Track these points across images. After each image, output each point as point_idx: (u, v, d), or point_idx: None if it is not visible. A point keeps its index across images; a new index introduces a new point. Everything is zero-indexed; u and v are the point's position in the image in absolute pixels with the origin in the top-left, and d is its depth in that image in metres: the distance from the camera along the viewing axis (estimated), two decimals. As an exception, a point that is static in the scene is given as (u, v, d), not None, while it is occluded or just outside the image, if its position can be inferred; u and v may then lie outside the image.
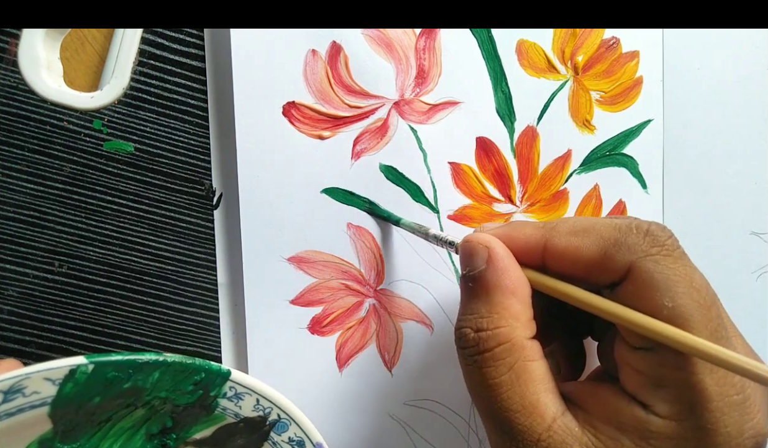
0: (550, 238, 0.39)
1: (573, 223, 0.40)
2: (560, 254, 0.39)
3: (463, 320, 0.40)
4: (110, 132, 0.45)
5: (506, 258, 0.40)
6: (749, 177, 0.57)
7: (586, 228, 0.39)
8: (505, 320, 0.38)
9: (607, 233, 0.38)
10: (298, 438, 0.42)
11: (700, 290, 0.36)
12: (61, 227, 0.45)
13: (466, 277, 0.41)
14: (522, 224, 0.42)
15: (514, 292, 0.39)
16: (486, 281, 0.39)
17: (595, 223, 0.39)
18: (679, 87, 0.55)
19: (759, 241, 0.58)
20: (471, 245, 0.41)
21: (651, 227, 0.37)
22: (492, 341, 0.38)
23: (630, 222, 0.38)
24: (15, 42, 0.43)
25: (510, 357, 0.38)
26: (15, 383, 0.33)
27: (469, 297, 0.40)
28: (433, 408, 0.52)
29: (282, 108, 0.46)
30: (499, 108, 0.51)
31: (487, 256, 0.40)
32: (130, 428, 0.40)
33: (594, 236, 0.38)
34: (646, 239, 0.37)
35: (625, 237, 0.37)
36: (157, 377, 0.37)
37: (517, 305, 0.39)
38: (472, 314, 0.39)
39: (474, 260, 0.40)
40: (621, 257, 0.37)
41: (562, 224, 0.40)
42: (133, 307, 0.47)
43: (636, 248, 0.36)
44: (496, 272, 0.39)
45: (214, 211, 0.47)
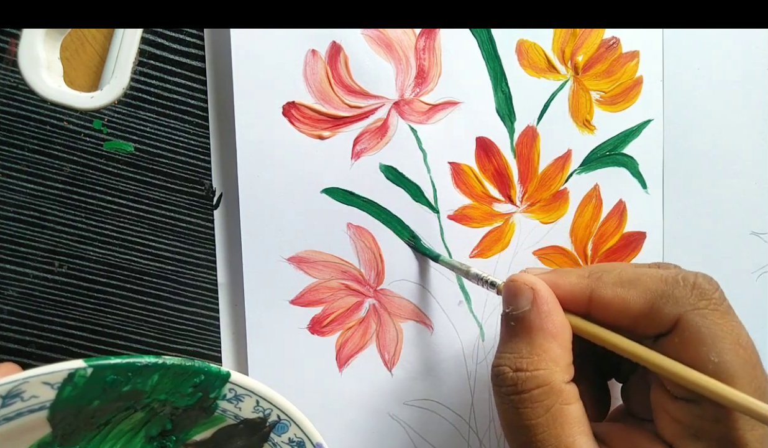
0: (596, 288, 0.40)
1: (618, 273, 0.40)
2: (606, 305, 0.39)
3: (502, 358, 0.40)
4: (110, 132, 0.45)
5: (551, 301, 0.40)
6: (749, 177, 0.57)
7: (632, 279, 0.39)
8: (545, 363, 0.38)
9: (654, 285, 0.38)
10: (299, 439, 0.42)
11: (747, 348, 0.36)
12: (61, 227, 0.45)
13: (508, 316, 0.41)
14: (567, 271, 0.42)
15: (556, 336, 0.39)
16: (529, 323, 0.39)
17: (641, 274, 0.39)
18: (679, 87, 0.55)
19: (759, 241, 0.58)
20: (516, 284, 0.41)
21: (698, 280, 0.37)
22: (531, 382, 0.38)
23: (676, 274, 0.38)
24: (15, 42, 0.43)
25: (548, 400, 0.38)
26: (13, 387, 0.33)
27: (509, 336, 0.41)
28: (433, 408, 0.52)
29: (282, 108, 0.46)
30: (499, 108, 0.51)
31: (532, 297, 0.40)
32: (129, 431, 0.40)
33: (640, 288, 0.38)
34: (693, 292, 0.37)
35: (672, 290, 0.37)
36: (156, 379, 0.37)
37: (558, 349, 0.39)
38: (511, 352, 0.40)
39: (518, 300, 0.40)
40: (668, 310, 0.37)
41: (607, 274, 0.40)
42: (133, 307, 0.47)
43: (683, 301, 0.37)
44: (540, 314, 0.39)
45: (214, 211, 0.47)
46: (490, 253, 0.52)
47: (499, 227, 0.52)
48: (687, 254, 0.57)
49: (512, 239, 0.53)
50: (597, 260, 0.55)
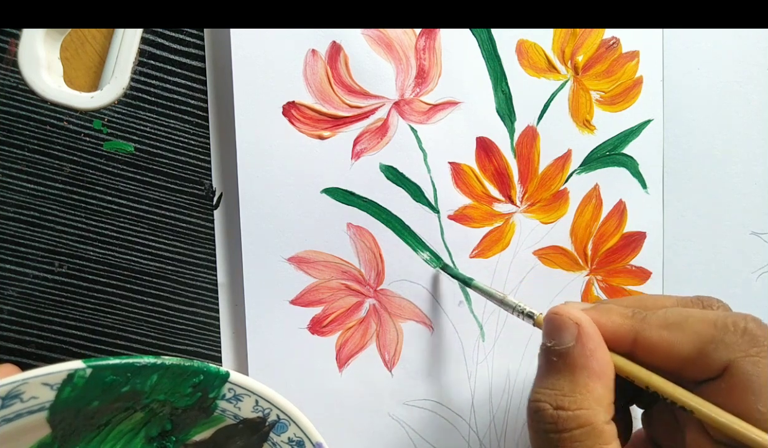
0: (641, 330, 0.39)
1: (664, 315, 0.39)
2: (652, 348, 0.38)
3: (542, 394, 0.39)
4: (110, 132, 0.45)
5: (596, 339, 0.39)
6: (749, 177, 0.57)
7: (679, 322, 0.38)
8: (588, 403, 0.37)
9: (703, 329, 0.37)
10: (298, 438, 0.42)
11: None
12: (61, 227, 0.45)
13: (549, 350, 0.39)
14: (609, 309, 0.41)
15: (600, 375, 0.38)
16: (573, 360, 0.38)
17: (688, 316, 0.38)
18: (679, 87, 0.55)
19: (759, 241, 0.58)
20: (561, 318, 0.40)
21: (749, 325, 0.36)
22: (572, 422, 0.37)
23: (726, 318, 0.37)
24: (15, 42, 0.43)
25: (588, 441, 0.36)
26: (13, 388, 0.33)
27: (550, 371, 0.39)
28: (433, 408, 0.52)
29: (282, 108, 0.46)
30: (499, 108, 0.51)
31: (577, 333, 0.39)
32: (129, 432, 0.40)
33: (688, 332, 0.37)
34: (744, 338, 0.36)
35: (723, 335, 0.36)
36: (155, 380, 0.37)
37: (601, 389, 0.38)
38: (552, 389, 0.38)
39: (562, 335, 0.39)
40: (718, 356, 0.36)
41: (652, 315, 0.39)
42: (133, 307, 0.47)
43: (734, 347, 0.36)
44: (585, 352, 0.38)
45: (214, 211, 0.47)
46: (491, 253, 0.52)
47: (500, 227, 0.52)
48: (687, 254, 0.57)
49: (512, 238, 0.53)
50: (597, 260, 0.55)
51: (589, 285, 0.55)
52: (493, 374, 0.53)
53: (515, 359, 0.54)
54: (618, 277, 0.56)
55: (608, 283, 0.55)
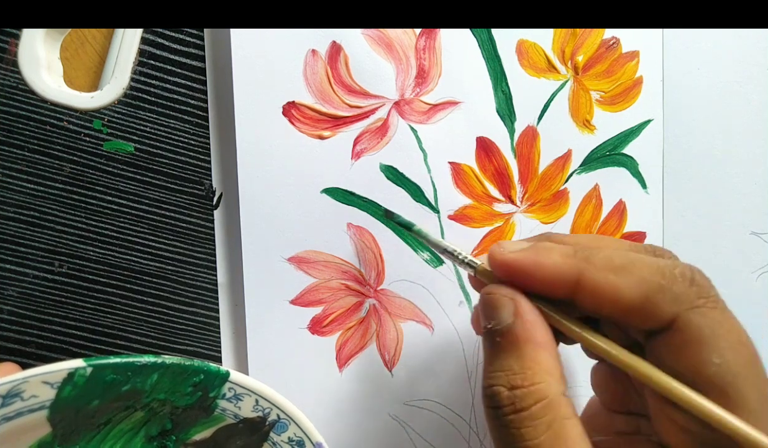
0: (585, 271, 0.37)
1: (609, 256, 0.37)
2: (596, 291, 0.36)
3: (493, 378, 0.37)
4: (110, 132, 0.45)
5: (534, 311, 0.37)
6: (749, 177, 0.57)
7: (625, 265, 0.36)
8: (540, 376, 0.35)
9: (651, 276, 0.35)
10: (298, 438, 0.42)
11: (748, 346, 0.34)
12: (61, 227, 0.45)
13: (492, 331, 0.38)
14: (549, 248, 0.39)
15: (545, 345, 0.36)
16: (515, 335, 0.36)
17: (635, 260, 0.36)
18: (679, 87, 0.55)
19: (759, 241, 0.58)
20: (495, 297, 0.38)
21: (696, 276, 0.35)
22: (529, 398, 0.35)
23: (673, 267, 0.36)
24: (15, 42, 0.43)
25: (548, 415, 0.34)
26: (13, 387, 0.33)
27: (496, 353, 0.37)
28: (433, 408, 0.52)
29: (282, 108, 0.46)
30: (500, 108, 0.51)
31: (514, 309, 0.37)
32: (129, 431, 0.40)
33: (635, 277, 0.36)
34: (692, 289, 0.35)
35: (671, 285, 0.35)
36: (155, 379, 0.37)
37: (549, 360, 0.36)
38: (502, 370, 0.36)
39: (500, 312, 0.38)
40: (666, 306, 0.35)
41: (596, 255, 0.37)
42: (133, 307, 0.47)
43: (682, 298, 0.35)
44: (525, 325, 0.37)
45: (214, 211, 0.47)
46: (491, 253, 0.52)
47: (500, 227, 0.52)
48: (687, 254, 0.56)
49: (513, 238, 0.53)
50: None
51: (589, 285, 0.55)
52: (493, 374, 0.53)
53: (515, 359, 0.54)
54: (618, 277, 0.56)
55: (608, 283, 0.55)
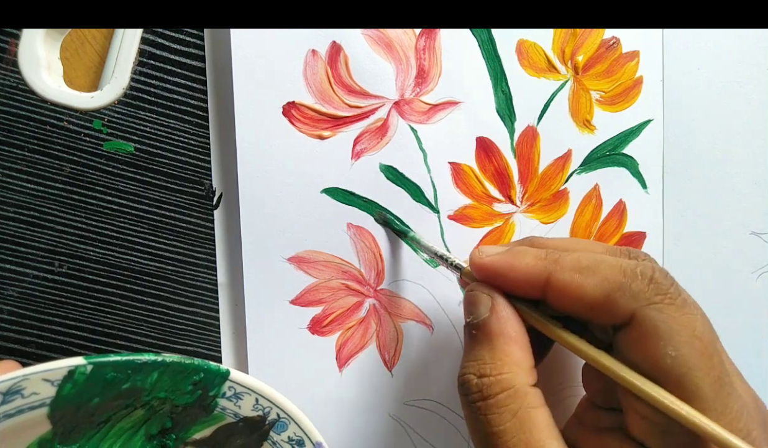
0: (553, 272, 0.39)
1: (577, 258, 0.39)
2: (562, 291, 0.39)
3: (466, 367, 0.40)
4: (110, 132, 0.45)
5: (508, 307, 0.40)
6: (749, 177, 0.57)
7: (590, 266, 0.39)
8: (508, 367, 0.38)
9: (612, 275, 0.38)
10: (298, 437, 0.42)
11: (702, 338, 0.36)
12: (61, 227, 0.45)
13: (470, 324, 0.41)
14: (523, 251, 0.41)
15: (516, 339, 0.39)
16: (489, 329, 0.40)
17: (600, 261, 0.39)
18: (679, 87, 0.55)
19: (759, 241, 0.58)
20: (474, 294, 0.42)
21: (655, 274, 0.37)
22: (495, 386, 0.38)
23: (635, 267, 0.38)
24: (15, 42, 0.43)
25: (513, 404, 0.37)
26: (14, 384, 0.33)
27: (472, 344, 0.41)
28: (433, 408, 0.52)
29: (282, 108, 0.46)
30: (499, 108, 0.51)
31: (491, 304, 0.40)
32: (129, 429, 0.40)
33: (599, 277, 0.38)
34: (650, 287, 0.37)
35: (630, 282, 0.37)
36: (156, 377, 0.37)
37: (519, 352, 0.39)
38: (475, 360, 0.40)
39: (478, 308, 0.41)
40: (624, 303, 0.37)
41: (565, 257, 0.40)
42: (133, 307, 0.47)
43: (640, 296, 0.37)
44: (499, 320, 0.40)
45: (214, 211, 0.47)
46: (491, 253, 0.52)
47: (500, 227, 0.52)
48: (687, 254, 0.57)
49: (512, 239, 0.53)
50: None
51: (589, 285, 0.55)
52: (494, 373, 0.53)
53: (515, 359, 0.54)
54: (618, 277, 0.56)
55: (608, 283, 0.55)
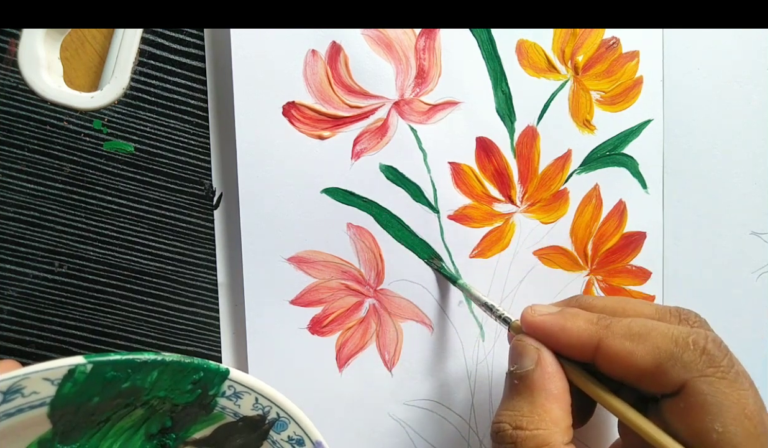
0: (604, 337, 0.39)
1: (628, 325, 0.39)
2: (613, 357, 0.39)
3: (503, 415, 0.40)
4: (110, 132, 0.45)
5: (554, 364, 0.40)
6: (749, 177, 0.57)
7: (641, 333, 0.38)
8: (545, 424, 0.38)
9: (664, 344, 0.38)
10: (298, 437, 0.42)
11: (752, 418, 0.35)
12: (61, 227, 0.45)
13: (512, 374, 0.41)
14: (575, 314, 0.42)
15: (557, 397, 0.39)
16: (532, 382, 0.40)
17: (652, 329, 0.39)
18: (679, 87, 0.55)
19: (759, 241, 0.58)
20: (522, 344, 0.42)
21: (708, 345, 0.37)
22: (530, 441, 0.38)
23: (687, 335, 0.38)
24: (15, 42, 0.43)
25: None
26: (14, 383, 0.33)
27: (512, 394, 0.41)
28: (433, 408, 0.52)
29: (282, 108, 0.46)
30: (499, 108, 0.51)
31: (537, 358, 0.40)
32: (129, 428, 0.40)
33: (649, 345, 0.38)
34: (702, 358, 0.36)
35: (682, 352, 0.37)
36: (155, 376, 0.37)
37: (558, 411, 0.39)
38: (512, 410, 0.40)
39: (523, 359, 0.41)
40: (676, 373, 0.37)
41: (616, 323, 0.40)
42: (133, 307, 0.47)
43: (691, 367, 0.36)
44: (544, 375, 0.40)
45: (214, 211, 0.47)
46: (490, 253, 0.52)
47: (500, 227, 0.52)
48: (687, 254, 0.57)
49: (512, 239, 0.53)
50: (597, 260, 0.55)
51: (589, 285, 0.55)
52: (493, 374, 0.53)
53: (515, 358, 0.54)
54: (618, 277, 0.56)
55: (608, 283, 0.55)
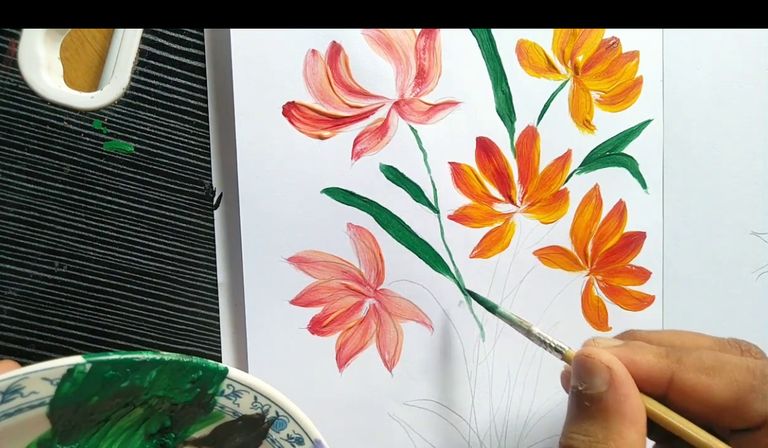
0: (677, 371, 0.38)
1: (701, 358, 0.38)
2: (689, 391, 0.38)
3: (575, 439, 0.38)
4: (110, 132, 0.45)
5: (629, 384, 0.38)
6: (749, 177, 0.57)
7: (715, 367, 0.38)
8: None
9: (742, 377, 0.37)
10: (297, 435, 0.42)
11: None
12: (61, 227, 0.45)
13: (581, 394, 0.39)
14: (643, 348, 0.40)
15: (633, 422, 0.37)
16: (606, 405, 0.37)
17: (726, 362, 0.38)
18: (679, 87, 0.55)
19: (759, 241, 0.58)
20: (592, 362, 0.39)
21: None
22: None
23: (764, 367, 0.37)
24: (15, 42, 0.43)
25: None
26: (13, 383, 0.33)
27: (582, 416, 0.38)
28: (433, 408, 0.52)
29: (282, 108, 0.46)
30: (499, 108, 0.51)
31: (609, 378, 0.38)
32: (128, 428, 0.40)
33: (727, 379, 0.37)
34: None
35: (762, 384, 0.36)
36: (154, 375, 0.37)
37: (634, 436, 0.37)
38: (586, 435, 0.37)
39: (594, 379, 0.38)
40: (759, 406, 0.36)
41: (688, 357, 0.39)
42: (133, 307, 0.47)
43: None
44: (618, 397, 0.37)
45: (214, 211, 0.47)
46: (491, 253, 0.52)
47: (500, 227, 0.52)
48: (687, 254, 0.57)
49: (512, 239, 0.53)
50: (597, 260, 0.55)
51: (589, 285, 0.55)
52: (493, 374, 0.53)
53: (515, 359, 0.54)
54: (618, 277, 0.56)
55: (608, 283, 0.55)
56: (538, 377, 0.54)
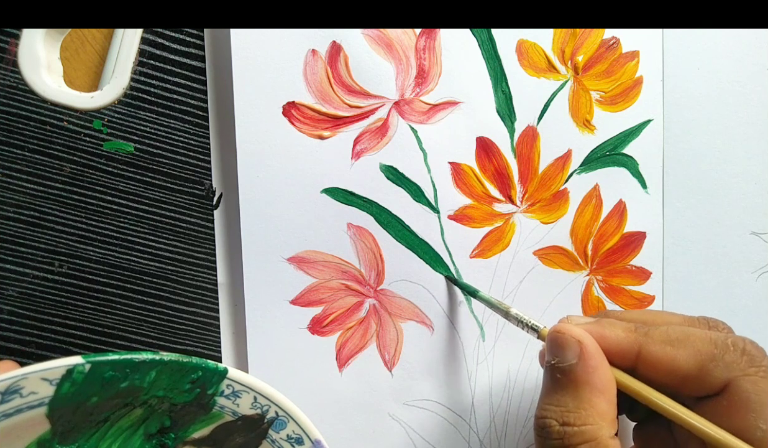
0: (645, 344, 0.40)
1: (666, 331, 0.40)
2: (655, 362, 0.40)
3: (548, 410, 0.40)
4: (110, 132, 0.45)
5: (598, 356, 0.40)
6: (749, 177, 0.57)
7: (680, 339, 0.40)
8: (593, 418, 0.38)
9: (704, 346, 0.39)
10: (297, 435, 0.42)
11: None
12: (61, 227, 0.45)
13: (554, 367, 0.41)
14: (612, 323, 0.42)
15: (603, 391, 0.39)
16: (576, 376, 0.39)
17: (690, 334, 0.40)
18: (679, 87, 0.55)
19: (759, 241, 0.58)
20: (563, 337, 0.41)
21: (747, 346, 0.38)
22: (577, 437, 0.38)
23: (725, 338, 0.39)
24: (15, 42, 0.43)
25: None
26: (12, 383, 0.33)
27: (555, 388, 0.40)
28: (433, 408, 0.52)
29: (282, 108, 0.46)
30: (500, 108, 0.51)
31: (579, 351, 0.40)
32: (128, 428, 0.40)
33: (690, 349, 0.39)
34: (743, 358, 0.38)
35: (723, 354, 0.38)
36: (154, 376, 0.37)
37: (604, 404, 0.39)
38: (557, 405, 0.40)
39: (565, 352, 0.40)
40: (719, 373, 0.38)
41: (654, 330, 0.40)
42: (133, 307, 0.47)
43: (734, 367, 0.37)
44: (587, 368, 0.39)
45: (214, 211, 0.47)
46: (491, 253, 0.52)
47: (500, 227, 0.52)
48: (687, 254, 0.57)
49: (512, 239, 0.53)
50: (597, 260, 0.55)
51: (589, 285, 0.55)
52: (493, 374, 0.53)
53: (515, 359, 0.54)
54: (618, 277, 0.56)
55: (608, 283, 0.55)
56: (538, 377, 0.54)
